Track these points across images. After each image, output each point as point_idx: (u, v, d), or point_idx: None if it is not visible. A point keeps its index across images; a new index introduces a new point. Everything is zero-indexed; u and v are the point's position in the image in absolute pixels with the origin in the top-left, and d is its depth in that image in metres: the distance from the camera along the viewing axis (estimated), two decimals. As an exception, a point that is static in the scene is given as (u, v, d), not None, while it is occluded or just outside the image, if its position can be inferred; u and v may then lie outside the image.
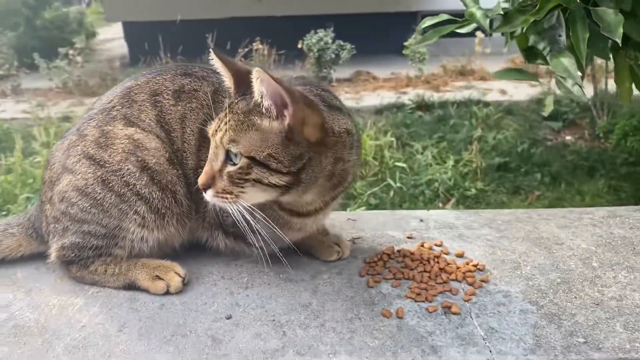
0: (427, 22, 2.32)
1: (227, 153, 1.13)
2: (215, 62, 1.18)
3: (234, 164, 1.13)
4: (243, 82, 1.14)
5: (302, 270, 1.39)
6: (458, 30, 2.32)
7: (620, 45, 1.89)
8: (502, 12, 2.06)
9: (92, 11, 16.20)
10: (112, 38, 12.95)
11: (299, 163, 1.13)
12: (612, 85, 6.74)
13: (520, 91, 7.64)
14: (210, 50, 1.18)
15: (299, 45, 8.37)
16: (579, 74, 1.84)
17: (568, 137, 6.25)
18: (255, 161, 1.12)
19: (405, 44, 2.64)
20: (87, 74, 8.51)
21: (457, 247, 1.47)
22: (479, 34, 8.27)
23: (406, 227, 1.59)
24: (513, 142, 5.80)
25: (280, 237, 1.29)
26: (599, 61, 6.68)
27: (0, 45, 8.72)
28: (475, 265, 1.37)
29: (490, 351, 1.11)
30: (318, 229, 1.44)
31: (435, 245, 1.48)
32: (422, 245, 1.46)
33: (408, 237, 1.53)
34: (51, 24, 10.34)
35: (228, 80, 1.19)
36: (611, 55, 2.03)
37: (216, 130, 1.15)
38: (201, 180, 1.16)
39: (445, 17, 2.30)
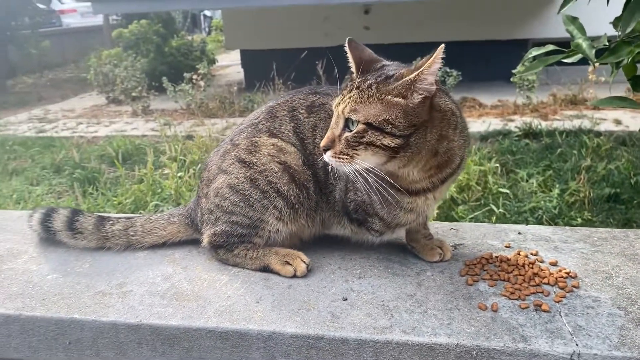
0: (534, 52, 2.47)
1: (346, 122, 1.36)
2: (348, 50, 1.44)
3: (351, 130, 1.36)
4: (365, 68, 1.39)
5: (408, 267, 1.60)
6: (564, 60, 2.45)
7: None
8: (606, 44, 2.17)
9: (212, 39, 17.58)
10: (229, 64, 14.00)
11: (409, 130, 1.34)
12: None
13: (638, 121, 7.30)
14: (347, 39, 1.44)
15: (406, 73, 8.59)
16: (684, 103, 1.90)
17: (689, 171, 5.88)
18: (371, 126, 1.33)
19: (514, 71, 2.76)
20: (208, 97, 9.32)
21: (551, 257, 1.60)
22: (593, 61, 8.02)
23: (505, 238, 1.75)
24: (626, 173, 5.59)
25: (396, 219, 1.51)
26: None
27: (134, 70, 9.78)
28: (567, 273, 1.50)
29: (577, 345, 1.25)
30: (425, 218, 1.62)
31: (531, 254, 1.62)
32: (519, 254, 1.61)
33: (506, 247, 1.69)
34: (177, 51, 11.43)
35: (353, 66, 1.44)
36: None
37: (339, 103, 1.38)
38: (323, 142, 1.38)
39: (551, 47, 2.44)
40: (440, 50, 1.34)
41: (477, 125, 7.60)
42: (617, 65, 2.19)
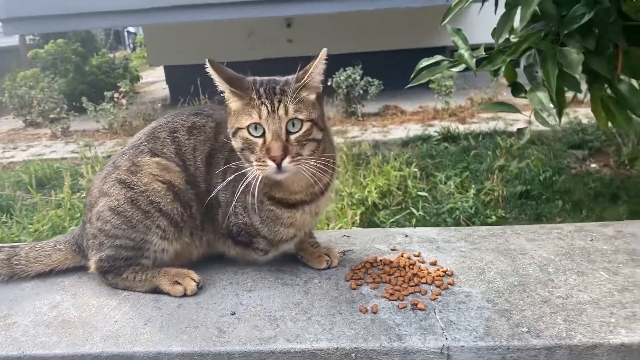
0: (424, 62, 2.60)
1: (287, 124, 1.41)
2: (213, 70, 1.46)
3: (298, 131, 1.41)
4: (238, 85, 1.44)
5: (298, 277, 1.64)
6: (452, 69, 2.58)
7: (585, 79, 2.11)
8: (484, 54, 2.32)
9: (137, 56, 17.21)
10: (155, 81, 13.74)
11: (323, 123, 1.48)
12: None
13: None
14: (207, 60, 1.46)
15: (329, 83, 8.75)
16: (552, 106, 2.06)
17: (593, 165, 6.31)
18: (313, 122, 1.43)
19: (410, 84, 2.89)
20: (131, 115, 9.10)
21: (432, 257, 1.69)
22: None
23: (392, 242, 1.83)
24: (536, 170, 5.92)
25: (278, 235, 1.56)
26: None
27: (52, 91, 9.43)
28: (444, 271, 1.58)
29: (447, 339, 1.32)
30: (306, 232, 1.67)
31: (414, 255, 1.70)
32: (402, 256, 1.69)
33: (391, 249, 1.76)
34: (98, 70, 11.12)
35: (223, 84, 1.46)
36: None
37: (275, 109, 1.40)
38: (276, 152, 1.38)
39: (439, 58, 2.57)
40: (324, 52, 1.45)
41: (399, 131, 7.83)
42: (496, 72, 2.34)
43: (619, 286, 1.47)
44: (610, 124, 2.19)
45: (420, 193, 5.44)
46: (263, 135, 1.41)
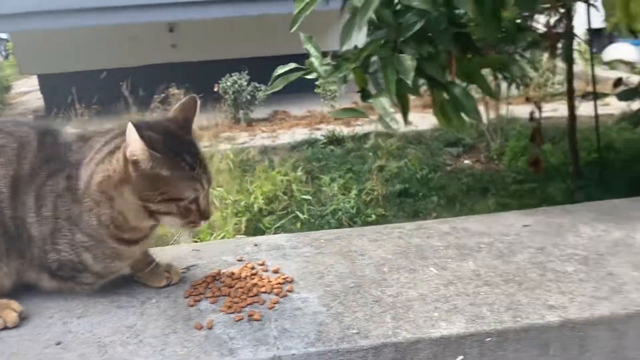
0: (279, 70, 2.62)
1: None
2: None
3: None
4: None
5: (134, 297, 1.57)
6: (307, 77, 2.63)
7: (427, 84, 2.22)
8: (330, 62, 2.38)
9: (9, 64, 15.90)
10: (29, 90, 12.77)
11: None
12: (507, 111, 7.36)
13: (426, 121, 8.12)
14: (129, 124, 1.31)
15: (215, 89, 8.61)
16: (392, 110, 2.15)
17: (466, 161, 6.73)
18: None
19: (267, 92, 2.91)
20: (0, 128, 8.39)
21: (276, 264, 1.69)
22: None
23: (240, 252, 1.80)
24: (414, 169, 6.20)
25: (113, 269, 1.49)
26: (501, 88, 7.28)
27: None
28: (284, 278, 1.59)
29: (278, 348, 1.32)
30: (141, 253, 1.61)
31: (259, 264, 1.70)
32: (246, 266, 1.67)
33: (238, 260, 1.74)
34: (-38, 80, 10.17)
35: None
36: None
37: (208, 182, 1.43)
38: (211, 214, 1.47)
39: (293, 65, 2.60)
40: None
41: (287, 136, 7.88)
42: (344, 79, 2.41)
43: (445, 280, 1.56)
44: (448, 126, 2.34)
45: (304, 197, 5.49)
46: (196, 201, 1.41)
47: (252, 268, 1.66)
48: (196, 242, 4.69)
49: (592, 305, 1.42)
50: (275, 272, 1.65)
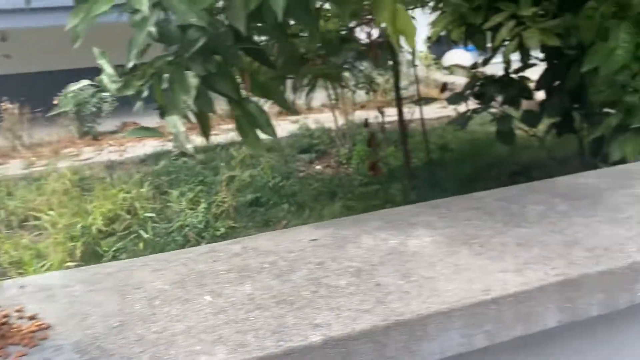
0: (72, 86, 2.42)
1: None
2: None
3: None
4: None
5: None
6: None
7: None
8: (120, 80, 2.25)
9: None
10: None
11: None
12: (356, 116, 7.62)
13: (281, 128, 8.20)
14: None
15: (55, 102, 7.97)
16: (183, 129, 2.08)
17: (318, 167, 6.87)
18: None
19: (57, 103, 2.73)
20: None
21: (37, 309, 1.53)
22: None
23: (1, 297, 1.61)
24: (267, 177, 6.20)
25: None
26: (348, 94, 7.52)
27: None
28: (39, 325, 1.44)
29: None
30: None
31: (15, 311, 1.52)
32: (-2, 315, 1.49)
33: (-7, 308, 1.56)
34: None
35: None
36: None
37: None
38: None
39: (86, 82, 2.43)
40: None
41: (137, 149, 7.52)
42: (138, 95, 2.29)
43: (216, 309, 1.50)
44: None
45: (148, 214, 5.24)
46: None
47: (5, 316, 1.48)
48: (21, 273, 4.28)
49: (355, 319, 1.44)
50: (31, 318, 1.49)
